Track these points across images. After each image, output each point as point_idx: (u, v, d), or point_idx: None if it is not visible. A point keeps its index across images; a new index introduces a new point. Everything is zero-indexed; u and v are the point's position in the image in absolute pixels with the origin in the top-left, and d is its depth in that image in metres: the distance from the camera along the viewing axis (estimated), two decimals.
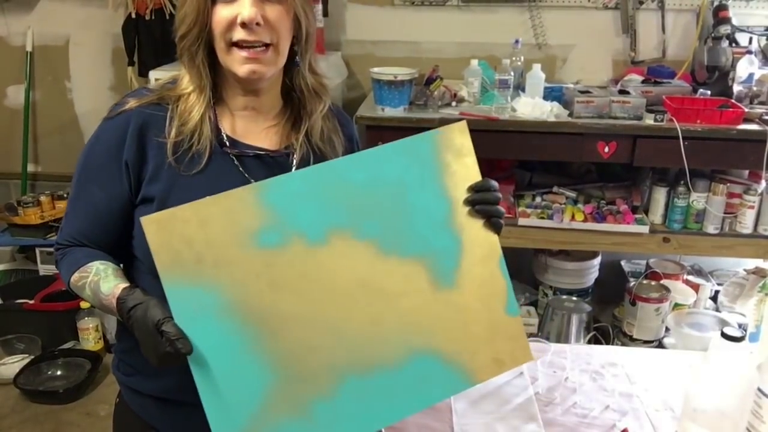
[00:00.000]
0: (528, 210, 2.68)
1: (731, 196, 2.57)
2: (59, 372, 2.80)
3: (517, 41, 2.76)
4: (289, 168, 1.16)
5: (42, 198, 3.09)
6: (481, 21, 2.99)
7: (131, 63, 3.11)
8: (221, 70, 1.13)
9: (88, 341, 2.92)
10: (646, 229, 2.59)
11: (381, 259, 1.02)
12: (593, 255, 2.92)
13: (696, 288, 2.83)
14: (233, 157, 1.14)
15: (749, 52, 2.61)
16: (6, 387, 2.70)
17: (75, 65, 3.31)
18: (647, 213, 2.68)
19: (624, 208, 2.67)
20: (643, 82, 2.72)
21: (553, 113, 2.50)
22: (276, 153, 1.17)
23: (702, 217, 2.59)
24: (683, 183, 2.54)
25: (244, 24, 1.05)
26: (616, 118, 2.49)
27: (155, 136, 1.10)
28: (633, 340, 2.69)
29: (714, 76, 2.65)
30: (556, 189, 2.78)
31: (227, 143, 1.14)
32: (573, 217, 2.63)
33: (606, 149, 2.49)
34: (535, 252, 2.97)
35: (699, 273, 2.99)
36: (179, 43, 1.11)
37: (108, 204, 1.11)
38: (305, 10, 1.12)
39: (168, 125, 1.11)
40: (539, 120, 2.48)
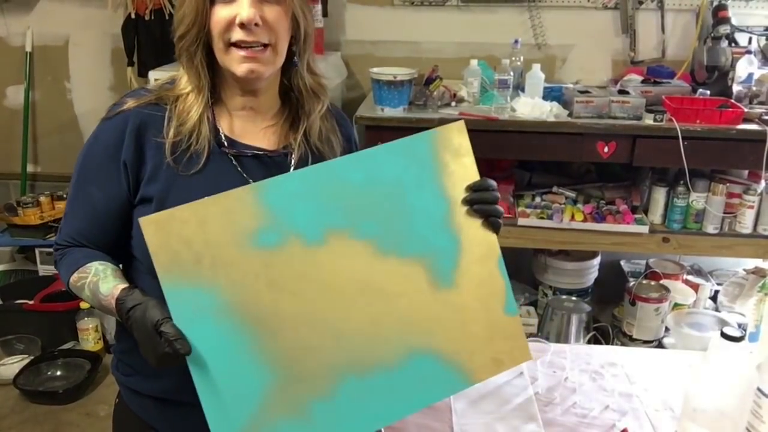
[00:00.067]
0: (527, 210, 2.68)
1: (731, 196, 2.57)
2: (59, 372, 2.80)
3: (517, 41, 2.76)
4: (288, 168, 1.16)
5: (41, 198, 3.09)
6: (481, 21, 2.99)
7: (131, 63, 3.11)
8: (219, 70, 1.13)
9: (87, 341, 2.92)
10: (645, 229, 2.59)
11: (379, 259, 1.02)
12: (593, 255, 2.92)
13: (696, 288, 2.83)
14: (231, 157, 1.13)
15: (749, 52, 2.61)
16: (6, 387, 2.70)
17: (74, 65, 3.31)
18: (647, 213, 2.68)
19: (623, 208, 2.67)
20: (643, 82, 2.72)
21: (553, 113, 2.50)
22: (274, 153, 1.17)
23: (701, 217, 2.59)
24: (683, 183, 2.54)
25: (242, 24, 1.05)
26: (615, 118, 2.49)
27: (153, 136, 1.10)
28: (633, 340, 2.69)
29: (713, 76, 2.65)
30: (555, 189, 2.78)
31: (225, 143, 1.14)
32: (572, 217, 2.63)
33: (605, 149, 2.49)
34: (535, 252, 2.97)
35: (699, 273, 2.99)
36: (178, 43, 1.11)
37: (106, 204, 1.11)
38: (304, 10, 1.12)
39: (166, 125, 1.11)
40: (539, 120, 2.48)
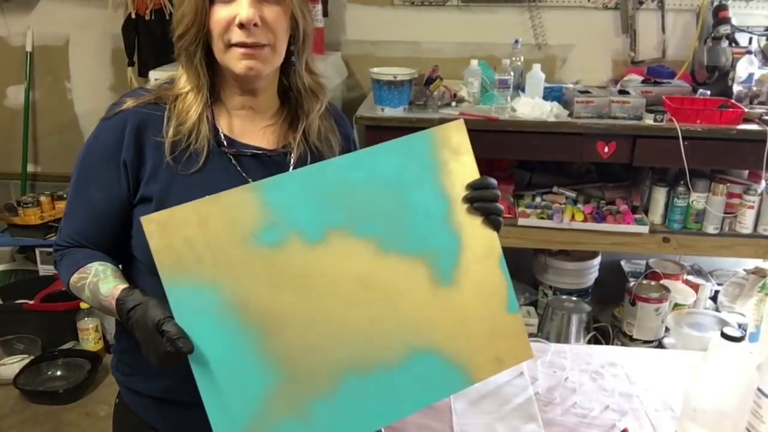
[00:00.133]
0: (528, 210, 2.68)
1: (731, 196, 2.57)
2: (59, 372, 2.80)
3: (517, 41, 2.76)
4: (287, 167, 1.16)
5: (42, 198, 3.09)
6: (481, 21, 2.99)
7: (131, 63, 3.11)
8: (219, 69, 1.13)
9: (87, 341, 2.92)
10: (645, 229, 2.59)
11: (380, 257, 1.02)
12: (593, 255, 2.92)
13: (696, 288, 2.83)
14: (231, 157, 1.13)
15: (749, 52, 2.60)
16: (6, 387, 2.70)
17: (75, 65, 3.31)
18: (647, 213, 2.68)
19: (624, 208, 2.67)
20: (643, 82, 2.72)
21: (553, 113, 2.50)
22: (273, 152, 1.17)
23: (702, 217, 2.59)
24: (683, 183, 2.54)
25: (242, 25, 1.05)
26: (615, 118, 2.49)
27: (153, 135, 1.10)
28: (633, 340, 2.69)
29: (714, 76, 2.65)
30: (555, 189, 2.78)
31: (225, 143, 1.14)
32: (573, 217, 2.63)
33: (606, 149, 2.49)
34: (535, 252, 2.97)
35: (699, 273, 2.99)
36: (177, 43, 1.11)
37: (106, 204, 1.11)
38: (303, 10, 1.12)
39: (166, 125, 1.11)
40: (539, 120, 2.48)
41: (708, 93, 2.59)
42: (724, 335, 1.14)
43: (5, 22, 3.27)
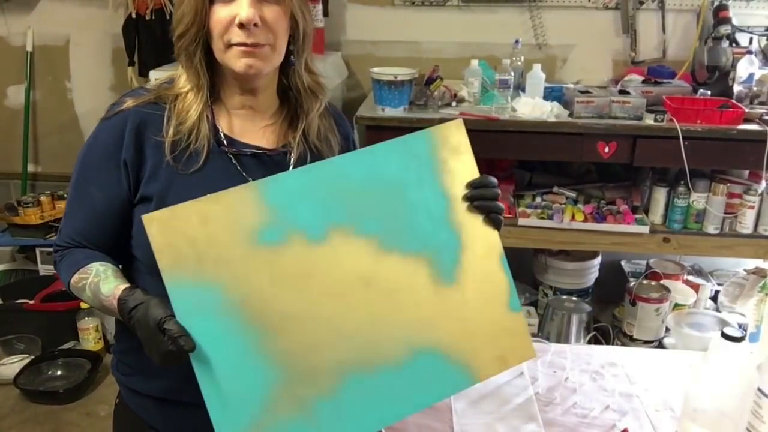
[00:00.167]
0: (528, 210, 2.68)
1: (731, 196, 2.57)
2: (59, 372, 2.80)
3: (517, 41, 2.76)
4: (287, 167, 1.16)
5: (42, 198, 3.09)
6: (482, 21, 2.99)
7: (131, 63, 3.11)
8: (219, 68, 1.13)
9: (88, 341, 2.92)
10: (646, 229, 2.59)
11: (382, 256, 1.02)
12: (593, 255, 2.92)
13: (696, 288, 2.83)
14: (231, 156, 1.13)
15: (749, 52, 2.60)
16: (6, 387, 2.70)
17: (75, 65, 3.31)
18: (647, 213, 2.68)
19: (624, 208, 2.67)
20: (644, 82, 2.72)
21: (553, 113, 2.50)
22: (273, 152, 1.17)
23: (702, 217, 2.59)
24: (683, 183, 2.54)
25: (241, 24, 1.05)
26: (616, 118, 2.49)
27: (153, 135, 1.10)
28: (633, 340, 2.69)
29: (714, 76, 2.65)
30: (556, 189, 2.78)
31: (225, 142, 1.14)
32: (573, 217, 2.62)
33: (606, 149, 2.48)
34: (535, 252, 2.96)
35: (699, 273, 2.99)
36: (177, 43, 1.11)
37: (107, 204, 1.11)
38: (303, 10, 1.12)
39: (166, 124, 1.11)
40: (539, 120, 2.48)
41: (708, 93, 2.59)
42: (724, 335, 1.14)
43: (5, 21, 3.27)
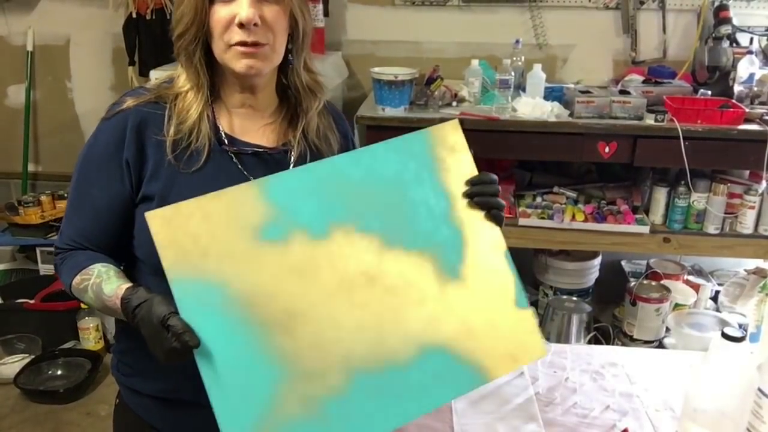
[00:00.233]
0: (528, 210, 2.68)
1: (732, 196, 2.56)
2: (59, 372, 2.80)
3: (518, 41, 2.76)
4: (287, 165, 1.16)
5: (42, 198, 3.09)
6: (482, 21, 2.99)
7: (132, 63, 3.11)
8: (218, 67, 1.13)
9: (88, 341, 2.92)
10: (646, 229, 2.59)
11: (385, 252, 1.01)
12: (593, 255, 2.92)
13: (696, 288, 2.82)
14: (232, 155, 1.14)
15: (750, 52, 2.60)
16: (6, 387, 2.70)
17: (75, 65, 3.31)
18: (648, 213, 2.68)
19: (624, 208, 2.67)
20: (644, 82, 2.72)
21: (554, 113, 2.50)
22: (274, 150, 1.17)
23: (702, 218, 2.59)
24: (684, 183, 2.54)
25: (241, 24, 1.05)
26: (616, 118, 2.49)
27: (154, 134, 1.10)
28: (633, 340, 2.69)
29: (715, 76, 2.65)
30: (556, 189, 2.78)
31: (226, 141, 1.14)
32: (573, 217, 2.62)
33: (606, 149, 2.48)
34: (536, 252, 2.96)
35: (699, 273, 2.98)
36: (176, 42, 1.11)
37: (109, 204, 1.11)
38: (302, 9, 1.13)
39: (166, 123, 1.11)
40: (540, 120, 2.48)
41: (709, 93, 2.59)
42: (724, 335, 1.14)
43: (6, 21, 3.27)
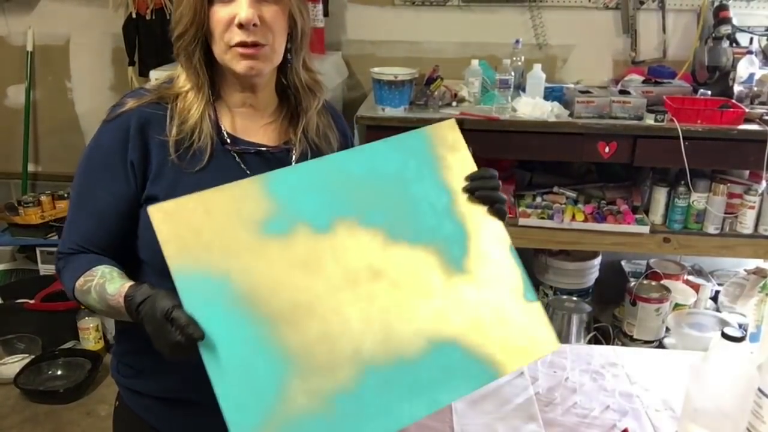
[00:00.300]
0: (528, 210, 2.68)
1: (732, 196, 2.56)
2: (59, 372, 2.81)
3: (518, 41, 2.76)
4: (289, 164, 1.16)
5: (42, 198, 3.09)
6: (482, 21, 2.99)
7: (132, 63, 3.11)
8: (218, 67, 1.13)
9: (88, 341, 2.92)
10: (646, 229, 2.59)
11: (389, 246, 1.01)
12: (593, 255, 2.92)
13: (696, 288, 2.82)
14: (234, 154, 1.14)
15: (750, 52, 2.61)
16: (6, 387, 2.70)
17: (75, 65, 3.31)
18: (647, 213, 2.68)
19: (624, 208, 2.67)
20: (644, 82, 2.72)
21: (554, 113, 2.50)
22: (276, 149, 1.18)
23: (702, 218, 2.59)
24: (684, 183, 2.54)
25: (241, 25, 1.05)
26: (616, 118, 2.49)
27: (157, 134, 1.10)
28: (633, 340, 2.69)
29: (714, 76, 2.65)
30: (556, 189, 2.78)
31: (228, 140, 1.14)
32: (573, 217, 2.62)
33: (606, 149, 2.48)
34: (536, 252, 2.96)
35: (699, 273, 2.98)
36: (176, 43, 1.11)
37: (114, 205, 1.10)
38: (301, 9, 1.13)
39: (168, 123, 1.11)
40: (539, 120, 2.48)
41: (709, 93, 2.59)
42: (724, 335, 1.14)
43: (6, 21, 3.28)
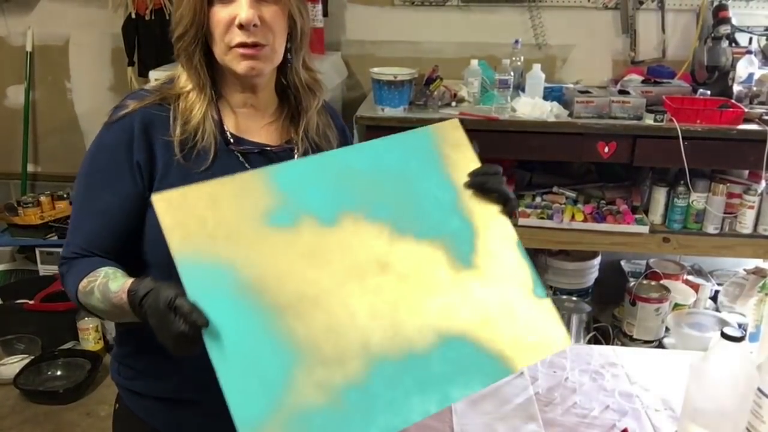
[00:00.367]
0: (528, 210, 2.68)
1: (731, 196, 2.56)
2: (59, 372, 2.81)
3: (517, 41, 2.76)
4: None
5: (42, 198, 3.09)
6: (481, 21, 2.99)
7: (131, 63, 3.11)
8: (219, 67, 1.13)
9: (88, 341, 2.92)
10: (646, 229, 2.59)
11: (396, 240, 1.00)
12: (593, 255, 2.92)
13: (696, 288, 2.82)
14: (238, 154, 1.14)
15: (749, 52, 2.61)
16: (6, 387, 2.70)
17: (75, 65, 3.31)
18: (647, 213, 2.68)
19: (624, 208, 2.67)
20: (643, 82, 2.72)
21: (553, 113, 2.50)
22: (279, 149, 1.18)
23: (702, 217, 2.59)
24: (683, 183, 2.54)
25: (241, 25, 1.05)
26: (616, 118, 2.49)
27: (161, 135, 1.10)
28: (633, 340, 2.69)
29: (714, 76, 2.65)
30: (556, 189, 2.78)
31: (231, 140, 1.15)
32: (573, 217, 2.62)
33: (606, 149, 2.49)
34: (535, 252, 2.96)
35: (699, 273, 2.99)
36: (176, 44, 1.11)
37: (120, 206, 1.09)
38: (300, 9, 1.13)
39: (172, 124, 1.11)
40: (539, 120, 2.48)
41: (708, 93, 2.59)
42: (724, 335, 1.14)
43: (5, 21, 3.27)
